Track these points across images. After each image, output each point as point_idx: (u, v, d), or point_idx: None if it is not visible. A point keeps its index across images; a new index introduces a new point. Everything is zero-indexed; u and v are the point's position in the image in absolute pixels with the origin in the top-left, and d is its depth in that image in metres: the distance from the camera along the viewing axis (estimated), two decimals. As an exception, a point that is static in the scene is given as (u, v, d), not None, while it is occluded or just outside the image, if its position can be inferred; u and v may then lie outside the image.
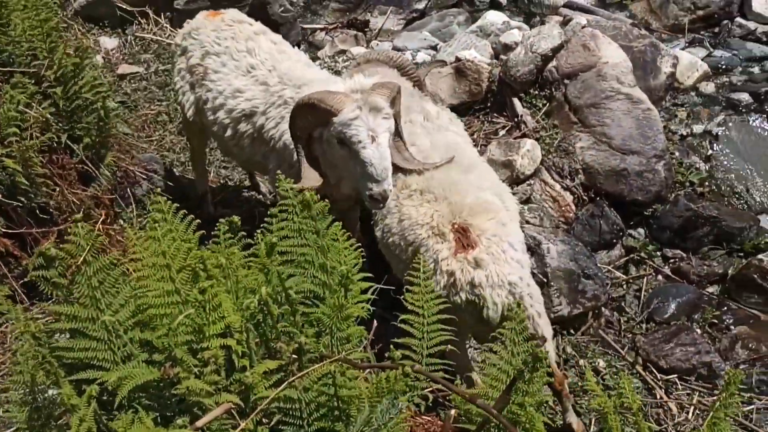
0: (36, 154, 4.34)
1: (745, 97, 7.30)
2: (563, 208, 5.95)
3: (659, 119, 6.37)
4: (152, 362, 2.54)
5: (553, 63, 6.55)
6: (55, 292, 2.64)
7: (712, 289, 5.81)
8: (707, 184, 6.38)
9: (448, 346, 3.18)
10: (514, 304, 3.49)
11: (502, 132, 6.47)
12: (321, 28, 9.28)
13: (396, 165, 4.02)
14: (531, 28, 7.58)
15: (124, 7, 8.06)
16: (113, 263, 2.69)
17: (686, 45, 8.41)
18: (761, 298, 5.57)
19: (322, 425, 2.59)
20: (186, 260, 2.84)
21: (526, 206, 5.78)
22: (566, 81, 6.44)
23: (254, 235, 3.21)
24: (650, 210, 6.11)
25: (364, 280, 2.98)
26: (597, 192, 6.06)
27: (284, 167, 4.42)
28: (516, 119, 6.48)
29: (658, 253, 6.06)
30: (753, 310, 5.56)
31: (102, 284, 2.62)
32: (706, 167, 6.54)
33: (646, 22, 8.88)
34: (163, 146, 6.58)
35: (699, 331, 5.37)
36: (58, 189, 4.55)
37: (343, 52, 8.39)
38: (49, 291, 2.65)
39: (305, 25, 9.27)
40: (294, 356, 2.63)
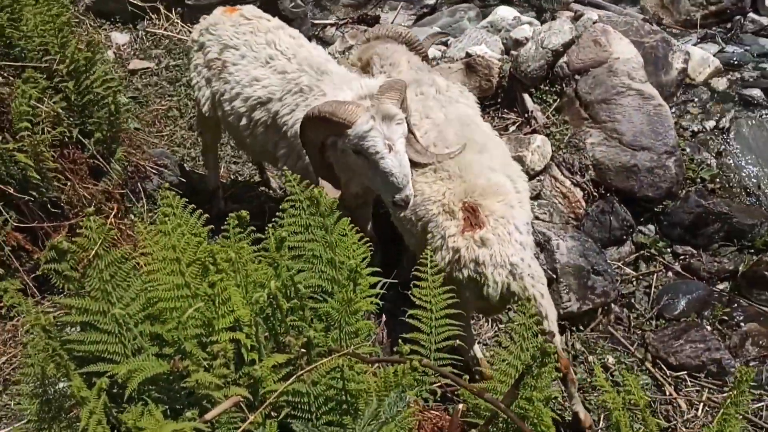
0: (47, 148, 4.37)
1: (757, 93, 7.25)
2: (573, 204, 5.95)
3: (670, 115, 6.34)
4: (162, 355, 2.56)
5: (564, 58, 6.53)
6: (67, 285, 2.66)
7: (723, 286, 5.79)
8: (718, 180, 6.35)
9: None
10: (515, 284, 3.75)
11: (513, 128, 6.46)
12: (331, 24, 9.27)
13: (410, 159, 4.04)
14: (542, 23, 7.57)
15: (135, 2, 8.06)
16: (124, 257, 2.71)
17: (698, 40, 8.36)
18: (772, 294, 5.55)
19: (331, 419, 2.61)
20: (196, 254, 2.86)
21: (536, 202, 5.78)
22: (577, 77, 6.43)
23: (265, 230, 3.22)
24: (661, 206, 6.09)
25: (372, 275, 2.99)
26: (607, 188, 6.05)
27: (293, 156, 4.47)
28: (526, 115, 6.47)
29: (669, 250, 6.04)
30: (763, 307, 5.54)
31: (113, 278, 2.64)
32: (717, 163, 6.50)
33: (657, 18, 8.84)
34: (173, 141, 6.59)
35: (709, 328, 5.36)
36: (69, 183, 4.57)
37: (353, 47, 8.38)
38: (60, 284, 2.66)
39: (316, 21, 9.26)
40: (303, 350, 2.65)
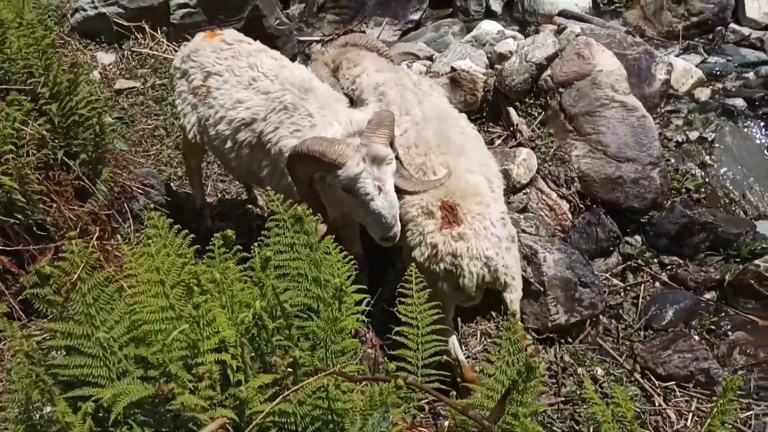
0: (32, 171, 4.36)
1: (739, 102, 7.31)
2: (560, 217, 5.97)
3: (654, 126, 6.38)
4: (147, 378, 2.56)
5: (548, 72, 6.58)
6: (50, 309, 2.65)
7: (710, 296, 5.81)
8: (703, 190, 6.38)
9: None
10: (489, 275, 4.15)
11: (498, 141, 6.49)
12: (317, 41, 9.31)
13: (397, 187, 4.12)
14: (525, 37, 7.62)
15: (120, 22, 8.09)
16: (108, 280, 2.71)
17: (680, 52, 8.44)
18: (759, 303, 5.57)
19: (317, 438, 2.61)
20: (181, 275, 2.86)
21: (522, 215, 5.80)
22: (561, 89, 6.47)
23: (251, 248, 3.23)
24: (646, 217, 6.11)
25: (358, 292, 3.00)
26: (593, 200, 6.08)
27: (276, 175, 4.49)
28: (511, 128, 6.51)
29: (655, 260, 6.06)
30: (750, 316, 5.56)
31: (97, 301, 2.64)
32: (702, 173, 6.54)
33: (640, 30, 8.92)
34: (160, 161, 6.59)
35: (697, 337, 5.37)
36: (54, 205, 4.57)
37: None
38: (44, 309, 2.66)
39: (301, 38, 9.31)
40: (289, 370, 2.65)
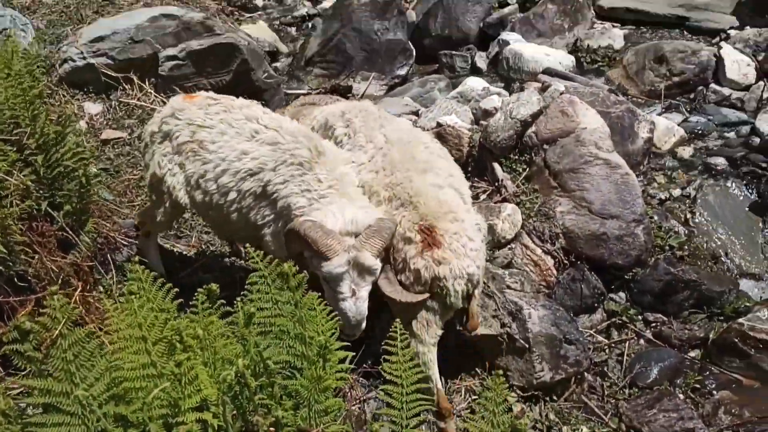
0: (15, 221, 4.32)
1: (721, 161, 7.42)
2: (544, 272, 5.97)
3: (638, 184, 6.44)
4: (126, 437, 2.51)
5: (533, 128, 6.65)
6: (29, 365, 2.61)
7: (694, 354, 5.80)
8: (686, 247, 6.42)
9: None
10: (472, 287, 4.45)
11: (483, 196, 6.52)
12: (304, 94, 9.38)
13: (380, 288, 4.36)
14: (510, 94, 7.72)
15: (109, 73, 8.13)
16: (89, 336, 2.67)
17: (663, 110, 8.58)
18: (743, 362, 5.55)
19: (299, 501, 2.55)
20: (163, 331, 2.82)
21: (507, 271, 5.78)
22: (545, 146, 6.53)
23: (234, 302, 3.20)
24: (630, 274, 6.12)
25: (342, 349, 2.97)
26: (578, 256, 6.09)
27: (280, 226, 4.52)
28: (496, 183, 6.54)
29: (640, 317, 6.06)
30: (735, 375, 5.54)
31: (77, 357, 2.60)
32: (685, 231, 6.59)
33: (623, 88, 9.07)
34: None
35: (682, 396, 5.35)
36: (37, 257, 4.52)
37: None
38: (22, 365, 2.61)
39: (289, 91, 9.39)
40: (271, 429, 2.61)
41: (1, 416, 2.32)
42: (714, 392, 5.42)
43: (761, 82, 8.83)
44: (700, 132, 8.06)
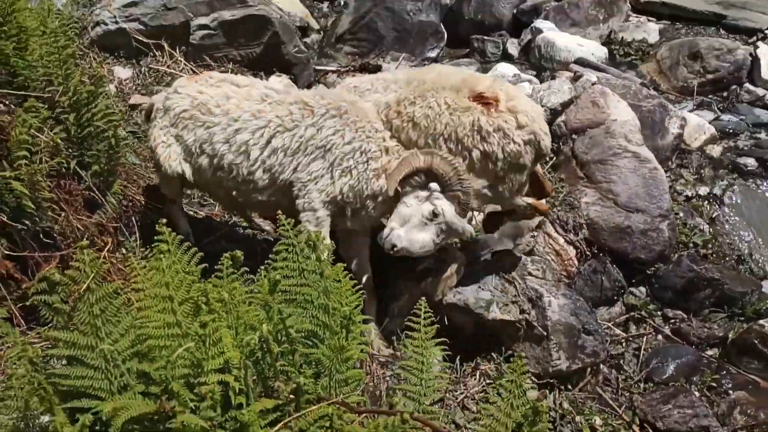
0: (44, 178, 4.33)
1: (751, 161, 7.34)
2: (566, 262, 5.94)
3: (665, 179, 6.38)
4: (148, 394, 2.52)
5: (562, 117, 6.60)
6: (56, 317, 2.62)
7: (712, 352, 5.76)
8: (710, 246, 6.37)
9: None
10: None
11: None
12: (333, 71, 9.36)
13: None
14: (541, 82, 7.66)
15: (140, 38, 8.13)
16: (116, 292, 2.68)
17: (694, 107, 8.49)
18: (761, 364, 5.51)
19: (317, 468, 2.56)
20: (188, 293, 2.83)
21: (529, 258, 5.76)
22: (574, 136, 6.49)
23: (257, 271, 3.20)
24: (653, 269, 6.08)
25: (365, 322, 2.97)
26: (600, 248, 6.05)
27: (326, 177, 4.56)
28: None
29: (659, 313, 6.03)
30: (752, 376, 5.50)
31: (103, 312, 2.61)
32: (710, 230, 6.53)
33: (655, 83, 8.97)
34: (170, 178, 6.57)
35: (697, 393, 5.31)
36: (63, 214, 4.54)
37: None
38: (49, 316, 2.63)
39: (318, 67, 9.36)
40: (291, 396, 2.61)
41: (29, 363, 2.34)
42: (730, 392, 5.38)
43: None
44: (731, 131, 7.97)
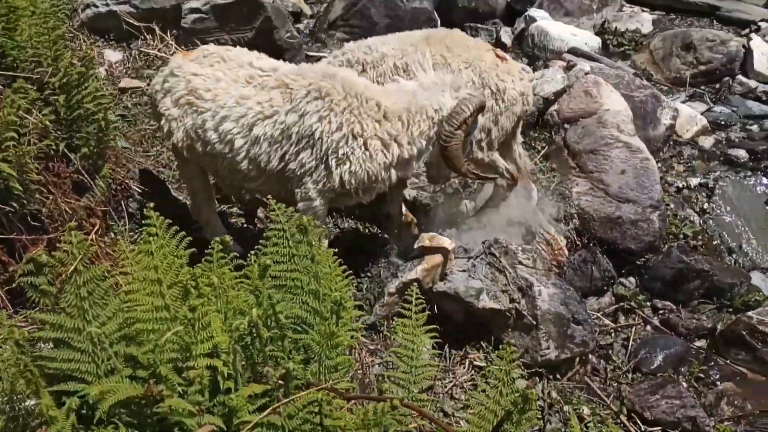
0: (32, 160, 4.28)
1: (742, 153, 7.35)
2: (556, 252, 5.94)
3: (657, 170, 6.38)
4: (136, 378, 2.50)
5: (555, 107, 6.59)
6: (42, 299, 2.59)
7: (700, 343, 5.78)
8: (700, 237, 6.38)
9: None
10: None
11: (500, 171, 6.46)
12: (325, 57, 9.29)
13: None
14: (534, 71, 7.64)
15: (131, 21, 8.06)
16: (104, 275, 2.65)
17: (686, 99, 8.48)
18: (749, 355, 5.54)
19: (305, 454, 2.54)
20: (177, 277, 2.81)
21: (519, 247, 5.75)
22: (566, 125, 6.48)
23: (247, 256, 3.18)
24: (642, 259, 6.10)
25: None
26: (590, 238, 6.06)
27: (321, 168, 4.53)
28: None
29: (648, 304, 6.04)
30: (740, 367, 5.53)
31: (91, 295, 2.58)
32: (701, 221, 6.54)
33: (647, 74, 8.96)
34: (159, 162, 6.53)
35: (685, 384, 5.33)
36: (51, 197, 4.49)
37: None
38: (36, 298, 2.60)
39: (310, 53, 9.29)
40: (280, 382, 2.59)
41: (15, 345, 2.31)
42: (718, 383, 5.41)
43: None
44: (722, 123, 7.97)
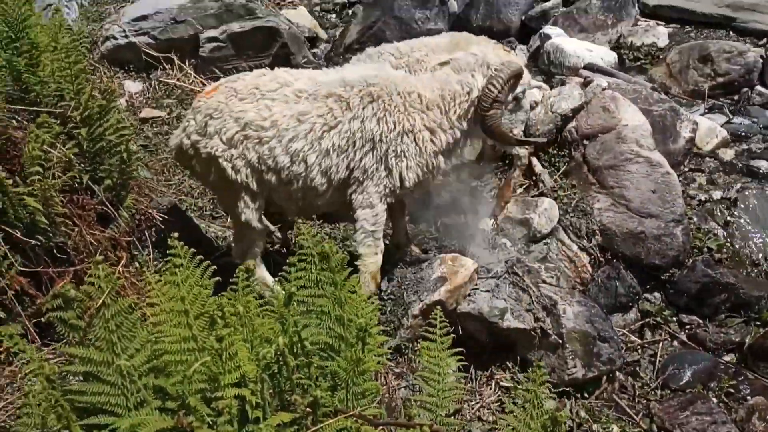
0: (57, 193, 4.35)
1: (764, 164, 7.26)
2: (579, 269, 5.91)
3: (678, 183, 6.33)
4: (165, 409, 2.51)
5: (573, 123, 6.57)
6: (71, 333, 2.62)
7: (729, 358, 5.71)
8: (725, 250, 6.30)
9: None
10: None
11: (520, 190, 6.47)
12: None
13: None
14: (551, 87, 7.63)
15: (150, 52, 8.18)
16: (131, 307, 2.68)
17: (705, 111, 8.41)
18: (779, 369, 5.47)
19: (335, 482, 2.54)
20: (203, 307, 2.83)
21: (543, 265, 5.74)
22: (585, 142, 6.45)
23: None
24: (667, 274, 6.04)
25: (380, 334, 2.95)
26: (614, 254, 6.01)
27: (381, 169, 4.61)
28: (534, 178, 6.48)
29: (674, 319, 5.98)
30: (770, 381, 5.46)
31: (119, 328, 2.60)
32: (725, 234, 6.47)
33: (665, 87, 8.90)
34: (181, 191, 6.61)
35: (715, 400, 5.27)
36: (76, 229, 4.55)
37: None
38: (65, 332, 2.62)
39: (327, 77, 9.35)
40: (309, 410, 2.59)
41: (45, 381, 2.34)
42: (748, 398, 5.33)
43: (808, 86, 8.64)
44: (743, 134, 7.90)
